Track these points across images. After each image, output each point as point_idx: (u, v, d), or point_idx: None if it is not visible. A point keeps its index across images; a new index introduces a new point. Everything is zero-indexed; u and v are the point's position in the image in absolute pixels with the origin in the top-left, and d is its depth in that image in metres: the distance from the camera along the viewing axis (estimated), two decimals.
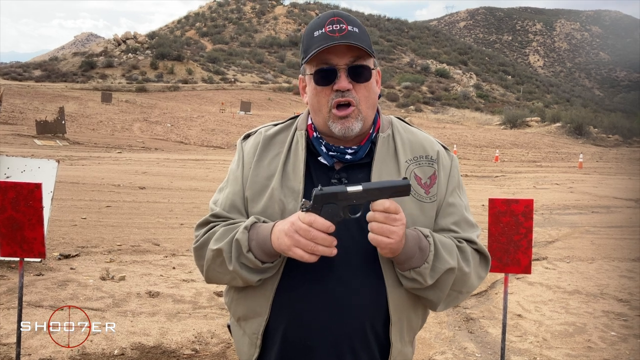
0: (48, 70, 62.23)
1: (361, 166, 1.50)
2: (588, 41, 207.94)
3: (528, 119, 47.47)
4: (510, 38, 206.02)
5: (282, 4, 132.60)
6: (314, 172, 1.48)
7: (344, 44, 1.39)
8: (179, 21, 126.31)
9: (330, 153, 1.50)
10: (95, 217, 8.19)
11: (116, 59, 65.77)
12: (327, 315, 1.42)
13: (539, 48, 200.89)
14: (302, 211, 1.29)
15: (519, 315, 4.97)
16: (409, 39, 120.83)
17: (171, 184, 12.22)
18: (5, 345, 3.73)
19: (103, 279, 5.22)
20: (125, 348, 3.84)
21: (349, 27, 1.41)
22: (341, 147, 1.50)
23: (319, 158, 1.52)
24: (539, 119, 47.51)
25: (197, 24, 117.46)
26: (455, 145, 28.45)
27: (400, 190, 1.30)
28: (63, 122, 23.07)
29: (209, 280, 1.56)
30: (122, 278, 5.28)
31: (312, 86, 1.47)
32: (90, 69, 62.17)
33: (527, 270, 2.25)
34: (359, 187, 1.28)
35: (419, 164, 1.52)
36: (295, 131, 1.57)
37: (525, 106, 67.93)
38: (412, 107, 64.13)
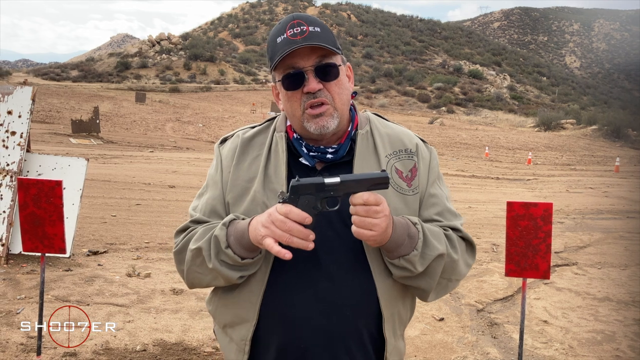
0: (84, 70, 63.88)
1: (343, 165, 1.50)
2: (628, 41, 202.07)
3: (563, 121, 46.43)
4: (545, 39, 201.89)
5: (314, 5, 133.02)
6: (296, 174, 1.46)
7: (305, 45, 1.38)
8: (212, 22, 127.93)
9: (311, 153, 1.50)
10: (125, 215, 8.35)
11: (150, 60, 67.05)
12: (320, 317, 1.42)
13: (575, 49, 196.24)
14: (279, 202, 1.29)
15: (545, 322, 4.85)
16: (442, 40, 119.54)
17: (200, 183, 12.32)
18: (32, 338, 3.83)
19: (129, 275, 5.31)
20: (148, 344, 3.90)
21: (310, 28, 1.41)
22: (322, 146, 1.50)
23: (300, 159, 1.51)
24: (574, 121, 46.43)
25: (230, 25, 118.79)
26: (487, 147, 28.05)
27: (378, 182, 1.28)
28: (98, 121, 23.57)
29: (190, 283, 1.54)
30: (148, 275, 5.36)
31: (283, 92, 1.47)
32: (125, 70, 63.58)
33: (546, 275, 2.19)
34: (336, 179, 1.28)
35: (399, 157, 1.53)
36: (274, 133, 1.57)
37: (560, 108, 66.35)
38: (443, 108, 63.54)
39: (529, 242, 2.16)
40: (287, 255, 1.27)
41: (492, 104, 70.22)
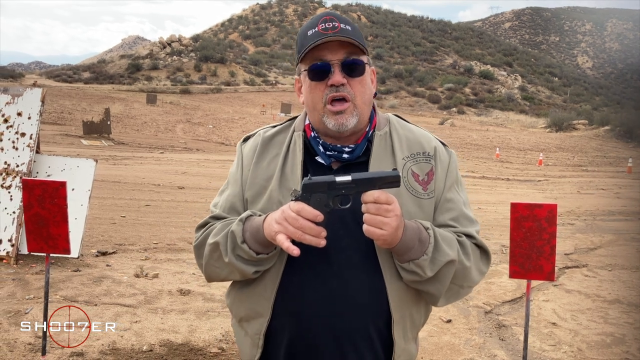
0: (96, 72, 64.42)
1: (359, 165, 1.51)
2: None
3: (575, 121, 46.07)
4: (557, 39, 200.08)
5: (324, 6, 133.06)
6: (312, 172, 1.48)
7: (337, 39, 1.41)
8: (222, 24, 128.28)
9: (328, 152, 1.51)
10: (134, 216, 8.40)
11: (161, 62, 67.49)
12: (330, 314, 1.44)
13: (588, 49, 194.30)
14: (292, 200, 1.31)
15: (554, 324, 4.81)
16: (452, 40, 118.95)
17: (209, 184, 12.41)
18: (40, 338, 3.86)
19: (137, 276, 5.34)
20: (154, 344, 3.91)
21: (342, 25, 1.43)
22: (338, 145, 1.51)
23: (316, 158, 1.53)
24: (586, 121, 46.04)
25: (240, 27, 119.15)
26: (498, 148, 27.90)
27: (390, 180, 1.30)
28: (109, 122, 23.78)
29: (208, 277, 1.58)
30: (156, 276, 5.38)
31: (307, 83, 1.49)
32: (137, 71, 64.04)
33: (550, 277, 2.17)
34: (347, 177, 1.30)
35: (416, 160, 1.52)
36: (294, 132, 1.59)
37: (572, 109, 65.81)
38: (454, 109, 63.30)
39: (533, 243, 2.14)
40: (295, 251, 1.30)
41: (503, 104, 69.87)
